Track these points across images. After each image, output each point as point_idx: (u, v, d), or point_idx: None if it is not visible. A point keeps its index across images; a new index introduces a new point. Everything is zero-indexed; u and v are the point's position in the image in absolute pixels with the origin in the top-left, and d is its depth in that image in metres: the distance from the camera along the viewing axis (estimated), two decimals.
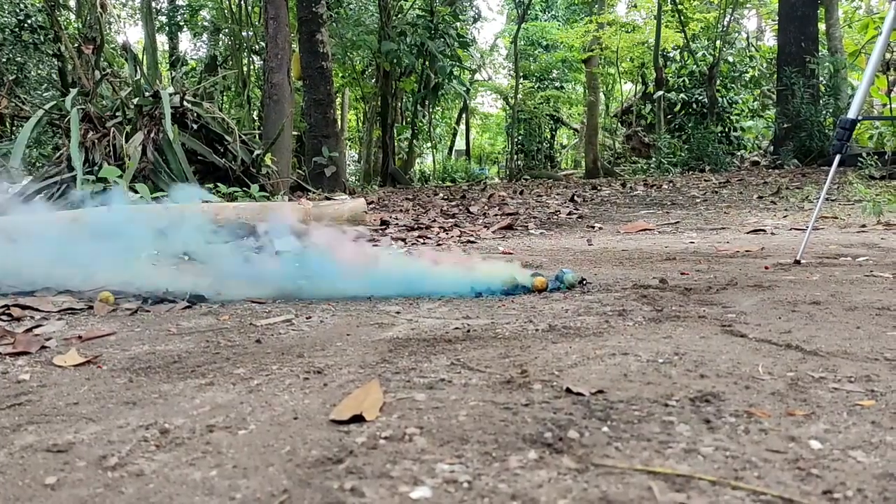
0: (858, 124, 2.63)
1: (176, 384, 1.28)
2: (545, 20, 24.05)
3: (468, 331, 1.66)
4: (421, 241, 4.26)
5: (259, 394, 1.20)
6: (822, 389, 1.13)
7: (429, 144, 20.36)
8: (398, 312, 1.95)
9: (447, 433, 0.98)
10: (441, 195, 8.94)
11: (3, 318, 1.92)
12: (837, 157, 2.54)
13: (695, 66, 16.13)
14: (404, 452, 0.92)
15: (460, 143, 25.51)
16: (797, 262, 2.70)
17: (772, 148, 13.06)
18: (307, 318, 1.89)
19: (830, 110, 11.54)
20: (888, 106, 12.29)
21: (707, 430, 0.96)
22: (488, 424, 1.00)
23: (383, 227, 5.11)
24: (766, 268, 2.65)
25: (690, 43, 16.24)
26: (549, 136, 22.92)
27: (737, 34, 18.49)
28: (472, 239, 4.37)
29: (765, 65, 16.67)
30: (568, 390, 1.14)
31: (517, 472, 0.85)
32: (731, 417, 1.01)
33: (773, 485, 0.80)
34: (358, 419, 1.04)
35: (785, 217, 5.30)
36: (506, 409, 1.07)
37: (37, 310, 2.00)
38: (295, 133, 10.37)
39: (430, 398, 1.14)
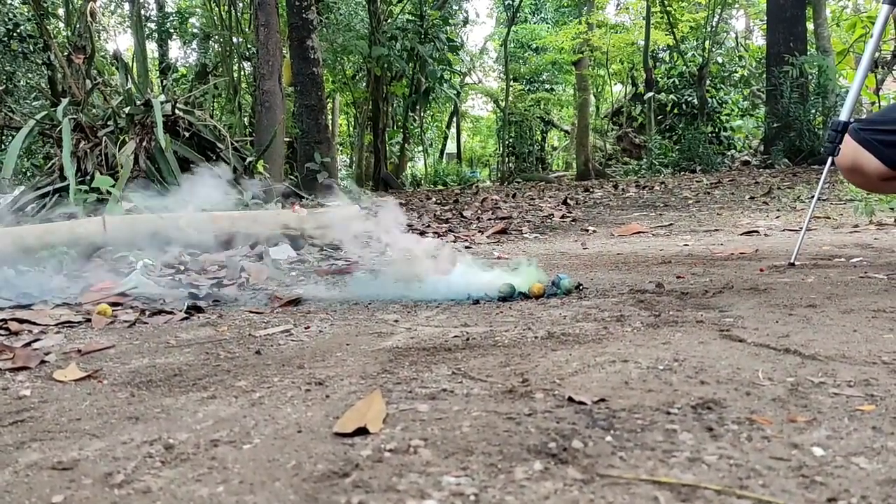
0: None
1: (178, 398, 1.28)
2: (534, 23, 24.10)
3: (467, 339, 1.67)
4: None
5: (262, 407, 1.20)
6: (823, 395, 1.14)
7: (420, 148, 20.38)
8: (396, 321, 1.95)
9: (452, 445, 0.98)
10: (434, 199, 8.94)
11: (1, 332, 1.91)
12: (830, 160, 2.56)
13: (684, 67, 16.20)
14: (410, 465, 0.92)
15: (451, 147, 25.52)
16: (792, 265, 2.72)
17: (762, 147, 13.12)
18: (306, 328, 1.89)
19: (819, 109, 11.59)
20: (877, 104, 12.36)
21: (710, 439, 0.97)
22: (492, 435, 1.01)
23: None
24: (762, 270, 2.67)
25: (680, 44, 16.30)
26: (539, 139, 22.94)
27: (725, 34, 18.58)
28: (467, 244, 4.37)
29: (754, 64, 16.75)
30: (570, 399, 1.15)
31: (523, 483, 0.85)
32: (734, 425, 1.02)
33: (777, 493, 0.81)
34: (362, 432, 1.04)
35: (777, 218, 5.32)
36: (509, 419, 1.07)
37: (34, 323, 2.00)
38: (287, 139, 10.37)
39: (432, 409, 1.14)
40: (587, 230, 5.16)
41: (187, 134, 5.81)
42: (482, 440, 0.99)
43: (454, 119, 23.78)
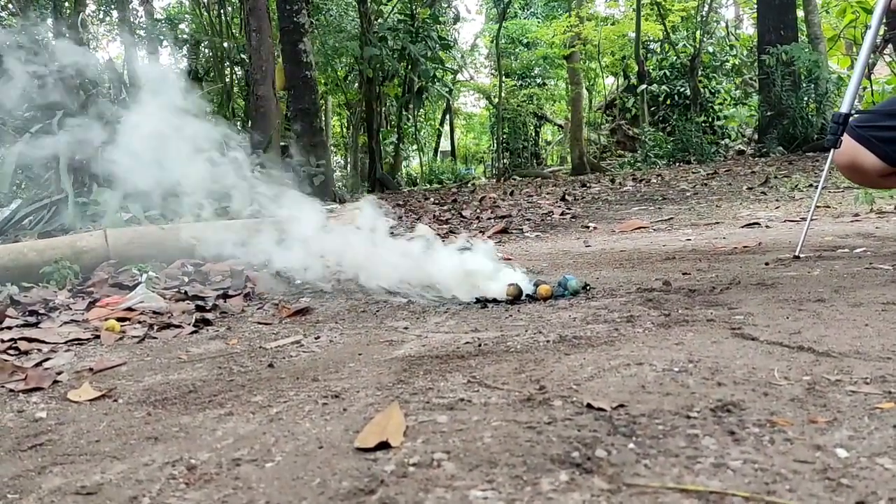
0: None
1: (195, 416, 1.28)
2: (524, 18, 24.08)
3: (479, 345, 1.67)
4: None
5: (280, 422, 1.20)
6: (840, 393, 1.14)
7: (414, 147, 20.38)
8: (406, 328, 1.95)
9: (475, 457, 0.98)
10: (432, 199, 8.94)
11: (11, 352, 1.91)
12: (832, 152, 2.55)
13: (676, 58, 16.20)
14: (435, 480, 0.92)
15: (445, 145, 25.50)
16: (797, 257, 2.72)
17: (756, 136, 13.13)
18: (316, 339, 1.89)
19: (811, 96, 11.60)
20: (868, 89, 12.37)
21: (733, 443, 0.97)
22: (514, 446, 1.01)
23: None
24: (767, 264, 2.67)
25: (671, 34, 16.30)
26: (533, 134, 22.93)
27: (716, 24, 18.56)
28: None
29: (745, 53, 16.75)
30: (589, 406, 1.15)
31: (550, 495, 0.85)
32: (755, 427, 1.02)
33: (805, 497, 0.81)
34: (383, 446, 1.04)
35: (777, 208, 5.33)
36: (529, 428, 1.07)
37: (43, 342, 1.99)
38: (281, 144, 10.35)
39: (452, 420, 1.14)
40: (588, 227, 5.16)
41: None
42: (505, 451, 0.99)
43: (447, 116, 23.78)
